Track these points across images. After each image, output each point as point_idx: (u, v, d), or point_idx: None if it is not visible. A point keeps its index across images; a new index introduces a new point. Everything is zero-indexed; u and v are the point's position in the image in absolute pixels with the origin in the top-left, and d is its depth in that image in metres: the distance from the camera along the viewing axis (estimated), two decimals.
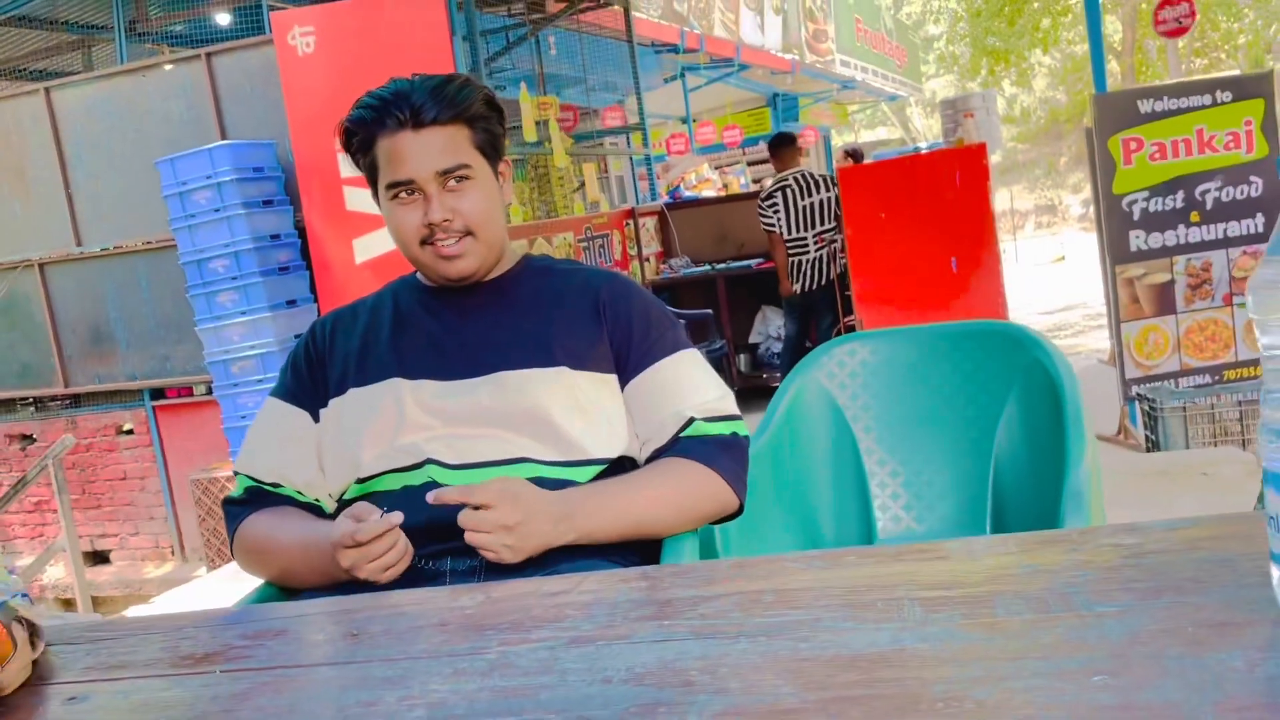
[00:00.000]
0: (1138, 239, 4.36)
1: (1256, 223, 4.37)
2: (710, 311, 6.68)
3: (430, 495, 1.20)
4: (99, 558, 5.98)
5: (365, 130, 1.38)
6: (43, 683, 0.89)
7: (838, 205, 5.59)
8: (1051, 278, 13.75)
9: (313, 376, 1.45)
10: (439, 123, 1.36)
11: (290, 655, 0.90)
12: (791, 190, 5.82)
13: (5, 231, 5.75)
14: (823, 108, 16.69)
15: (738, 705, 0.67)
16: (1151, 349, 4.41)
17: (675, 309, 5.82)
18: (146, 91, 5.35)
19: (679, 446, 1.34)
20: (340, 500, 1.40)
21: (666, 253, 7.63)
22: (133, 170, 5.32)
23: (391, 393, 1.37)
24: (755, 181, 13.37)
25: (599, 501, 1.27)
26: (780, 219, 5.82)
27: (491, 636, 0.86)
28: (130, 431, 5.77)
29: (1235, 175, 4.34)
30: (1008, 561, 0.87)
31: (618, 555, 1.29)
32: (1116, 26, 19.91)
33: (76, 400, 5.89)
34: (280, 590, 1.38)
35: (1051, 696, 0.62)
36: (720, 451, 1.34)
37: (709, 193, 10.99)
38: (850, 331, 5.46)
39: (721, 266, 7.08)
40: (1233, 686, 0.61)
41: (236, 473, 1.45)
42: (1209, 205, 4.35)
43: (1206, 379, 4.42)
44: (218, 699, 0.81)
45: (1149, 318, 4.40)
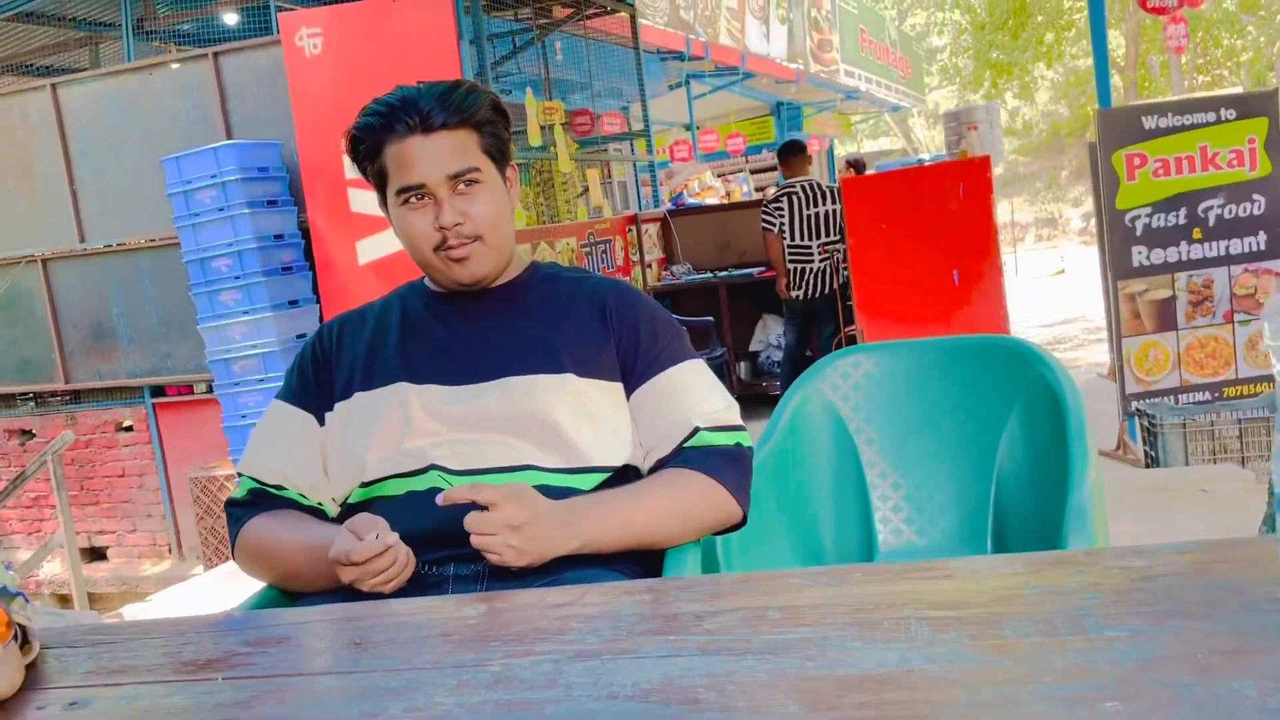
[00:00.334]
0: (1140, 254, 4.36)
1: (1259, 240, 4.37)
2: (711, 319, 6.67)
3: (439, 497, 1.19)
4: (96, 554, 5.97)
5: (373, 137, 1.38)
6: (43, 687, 0.89)
7: (843, 218, 5.62)
8: (1051, 291, 13.76)
9: (319, 379, 1.44)
10: (447, 128, 1.36)
11: (293, 663, 0.89)
12: (798, 197, 5.84)
13: (9, 227, 5.75)
14: (826, 117, 16.71)
15: None
16: (1152, 365, 4.41)
17: (676, 315, 5.82)
18: (153, 90, 5.36)
19: (683, 457, 1.34)
20: (344, 504, 1.40)
21: (668, 259, 7.63)
22: (137, 168, 5.32)
23: (397, 397, 1.37)
24: (758, 189, 13.39)
25: (604, 510, 1.26)
26: (784, 224, 5.84)
27: (495, 648, 0.85)
28: (130, 428, 5.76)
29: (1238, 193, 4.34)
30: (1014, 582, 0.87)
31: (619, 565, 1.28)
32: (1120, 42, 19.95)
33: (77, 396, 5.89)
34: (282, 593, 1.37)
35: None
36: (725, 463, 1.33)
37: (712, 200, 11.00)
38: (851, 341, 5.48)
39: (723, 274, 7.08)
40: (1246, 715, 0.60)
41: (240, 474, 1.45)
42: (1211, 222, 4.36)
43: (1206, 396, 4.42)
44: (220, 707, 0.80)
45: (1150, 333, 4.40)
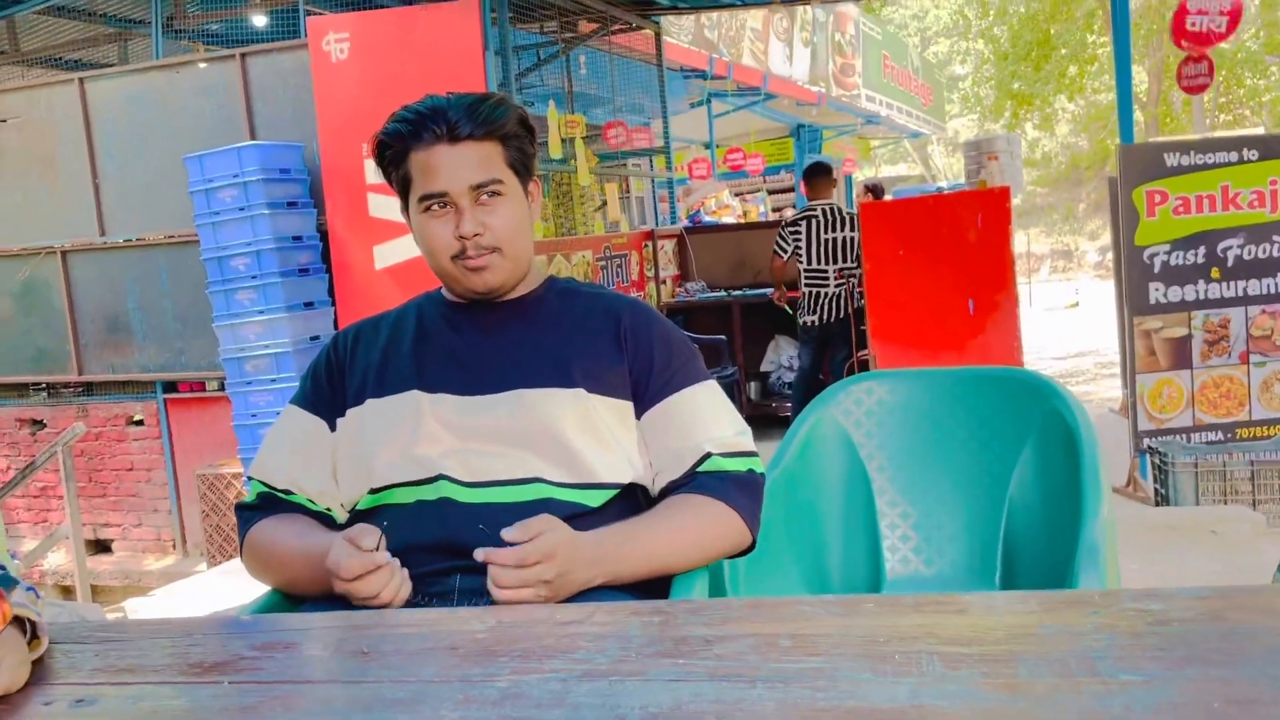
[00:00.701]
0: (1157, 291, 4.34)
1: (1277, 282, 4.34)
2: (724, 337, 6.67)
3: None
4: (100, 546, 5.98)
5: (400, 143, 1.39)
6: (50, 682, 0.89)
7: (860, 245, 5.63)
8: (1064, 323, 13.72)
9: (332, 385, 1.45)
10: (474, 139, 1.37)
11: (300, 670, 0.89)
12: (817, 221, 5.86)
13: (31, 217, 5.79)
14: (845, 141, 16.73)
15: None
16: (1165, 402, 4.38)
17: (688, 333, 5.82)
18: (179, 88, 5.40)
19: (697, 482, 1.33)
20: (353, 511, 1.40)
21: (683, 276, 7.64)
22: (160, 164, 5.36)
23: (409, 405, 1.37)
24: (775, 210, 13.40)
25: (631, 546, 1.26)
26: (801, 247, 5.87)
27: (503, 664, 0.85)
28: (140, 422, 5.78)
29: (1258, 234, 4.32)
30: (1028, 620, 0.86)
31: (616, 586, 1.27)
32: (1142, 78, 19.94)
33: (89, 388, 5.91)
34: (286, 597, 1.37)
35: None
36: (739, 489, 1.33)
37: (728, 219, 11.02)
38: (864, 366, 5.46)
39: (737, 293, 7.09)
40: None
41: (250, 477, 1.45)
42: (1230, 262, 4.34)
43: (1219, 436, 4.39)
44: (226, 711, 0.80)
45: (1164, 371, 4.37)
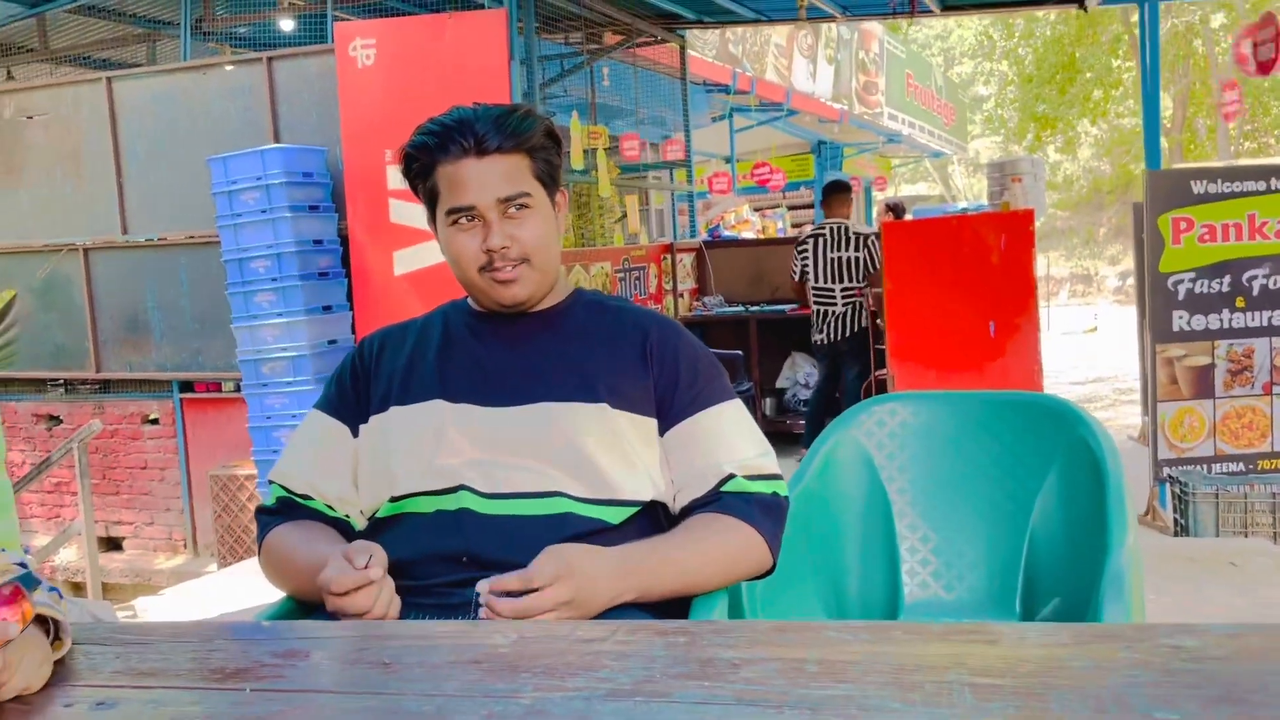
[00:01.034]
0: (1180, 319, 4.31)
1: None
2: (740, 352, 6.66)
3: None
4: (112, 544, 6.00)
5: (427, 155, 1.38)
6: (71, 684, 0.88)
7: (869, 265, 5.67)
8: (1083, 348, 13.64)
9: (356, 392, 1.44)
10: (501, 151, 1.36)
11: (321, 680, 0.88)
12: (824, 240, 5.94)
13: (55, 213, 5.83)
14: (866, 159, 16.72)
15: None
16: (1186, 431, 4.34)
17: None
18: (206, 90, 5.44)
19: (721, 503, 1.32)
20: (372, 518, 1.39)
21: (701, 290, 7.63)
22: (184, 165, 5.39)
23: (432, 414, 1.37)
24: (794, 226, 13.39)
25: (659, 561, 1.25)
26: (808, 266, 5.96)
27: (526, 680, 0.84)
28: (156, 421, 5.81)
29: None
30: (1061, 653, 0.84)
31: (637, 604, 1.26)
32: (1167, 104, 19.86)
33: (106, 386, 5.94)
34: (299, 604, 1.37)
35: None
36: (763, 512, 1.32)
37: (748, 234, 11.02)
38: (881, 385, 5.44)
39: (755, 308, 7.08)
40: None
41: (270, 481, 1.45)
42: (1255, 291, 4.31)
43: (1240, 467, 4.35)
44: (246, 719, 0.79)
45: (1186, 400, 4.34)
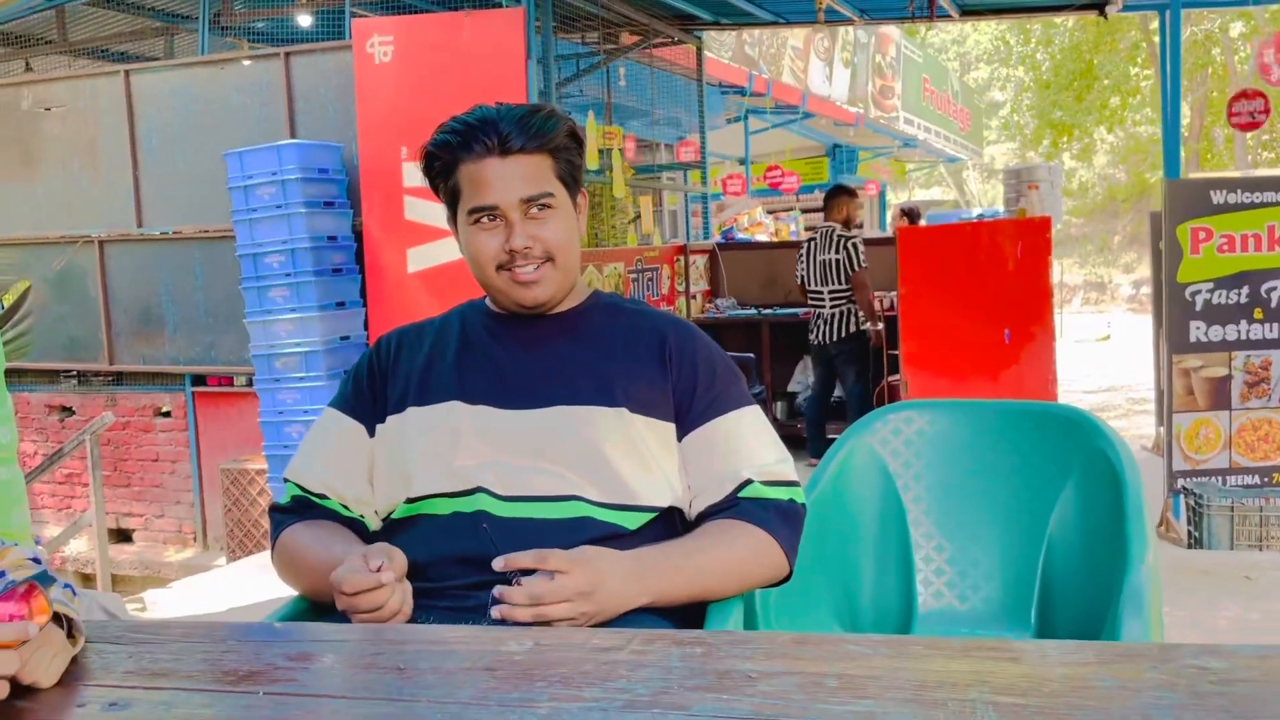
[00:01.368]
0: (1198, 330, 4.28)
1: None
2: (752, 355, 6.64)
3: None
4: (122, 536, 6.02)
5: (449, 154, 1.37)
6: (84, 683, 0.87)
7: (850, 266, 5.71)
8: (1096, 356, 13.58)
9: (373, 391, 1.44)
10: (524, 151, 1.35)
11: (334, 684, 0.88)
12: (815, 244, 6.07)
13: (71, 205, 5.85)
14: (881, 163, 16.68)
15: None
16: (1202, 443, 4.31)
17: None
18: (223, 84, 5.45)
19: (739, 509, 1.31)
20: (388, 519, 1.38)
21: (714, 292, 7.62)
22: (200, 159, 5.40)
23: (450, 416, 1.36)
24: (807, 229, 13.38)
25: (676, 566, 1.24)
26: (803, 271, 6.09)
27: (541, 689, 0.83)
28: (168, 414, 5.82)
29: None
30: (1084, 672, 0.83)
31: (659, 609, 1.25)
32: (1185, 112, 19.77)
33: (119, 378, 5.96)
34: (311, 605, 1.36)
35: None
36: (780, 519, 1.31)
37: (761, 236, 10.99)
38: (895, 392, 5.42)
39: (767, 311, 7.06)
40: None
41: (285, 479, 1.44)
42: (1274, 303, 4.27)
43: (1256, 480, 4.32)
44: None
45: (1202, 411, 4.31)
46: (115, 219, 5.72)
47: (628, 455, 1.32)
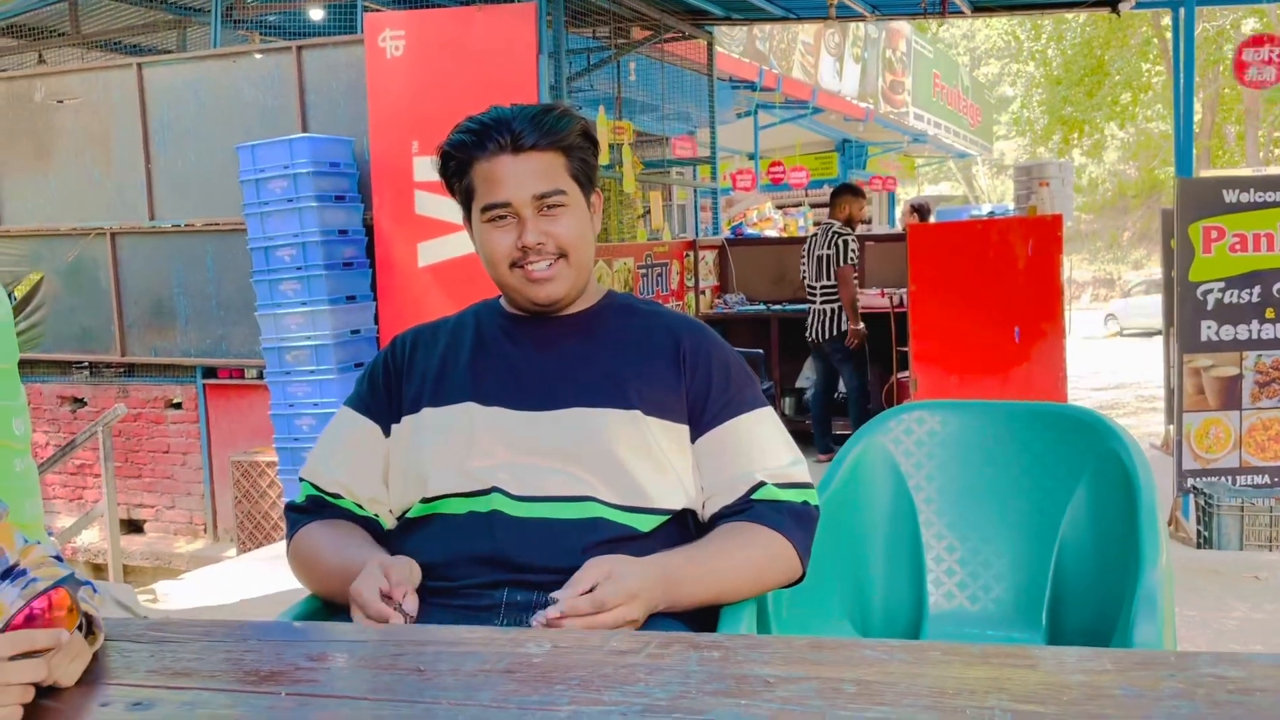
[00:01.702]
0: (1209, 329, 4.27)
1: None
2: (760, 351, 6.63)
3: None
4: (133, 527, 6.05)
5: (464, 153, 1.38)
6: (106, 681, 0.88)
7: (837, 261, 5.73)
8: (1104, 353, 13.55)
9: (388, 391, 1.44)
10: (537, 149, 1.36)
11: (355, 685, 0.88)
12: (814, 240, 6.15)
13: (83, 197, 5.88)
14: (891, 158, 16.64)
15: None
16: (1212, 442, 4.30)
17: None
18: (235, 77, 5.46)
19: (753, 511, 1.31)
20: (403, 518, 1.39)
21: (723, 288, 7.61)
22: (212, 152, 5.41)
23: (465, 416, 1.36)
24: (815, 224, 13.35)
25: (692, 571, 1.24)
26: (804, 266, 6.18)
27: (561, 693, 0.84)
28: (179, 406, 5.85)
29: None
30: (1102, 680, 0.83)
31: (668, 612, 1.25)
32: (1196, 109, 19.67)
33: (131, 370, 5.98)
34: (324, 604, 1.37)
35: None
36: (794, 521, 1.31)
37: (770, 232, 10.98)
38: (904, 389, 5.41)
39: (776, 307, 7.06)
40: None
41: (301, 478, 1.45)
42: None
43: (1266, 480, 4.31)
44: None
45: (1212, 410, 4.30)
46: (127, 211, 5.74)
47: (642, 457, 1.32)
